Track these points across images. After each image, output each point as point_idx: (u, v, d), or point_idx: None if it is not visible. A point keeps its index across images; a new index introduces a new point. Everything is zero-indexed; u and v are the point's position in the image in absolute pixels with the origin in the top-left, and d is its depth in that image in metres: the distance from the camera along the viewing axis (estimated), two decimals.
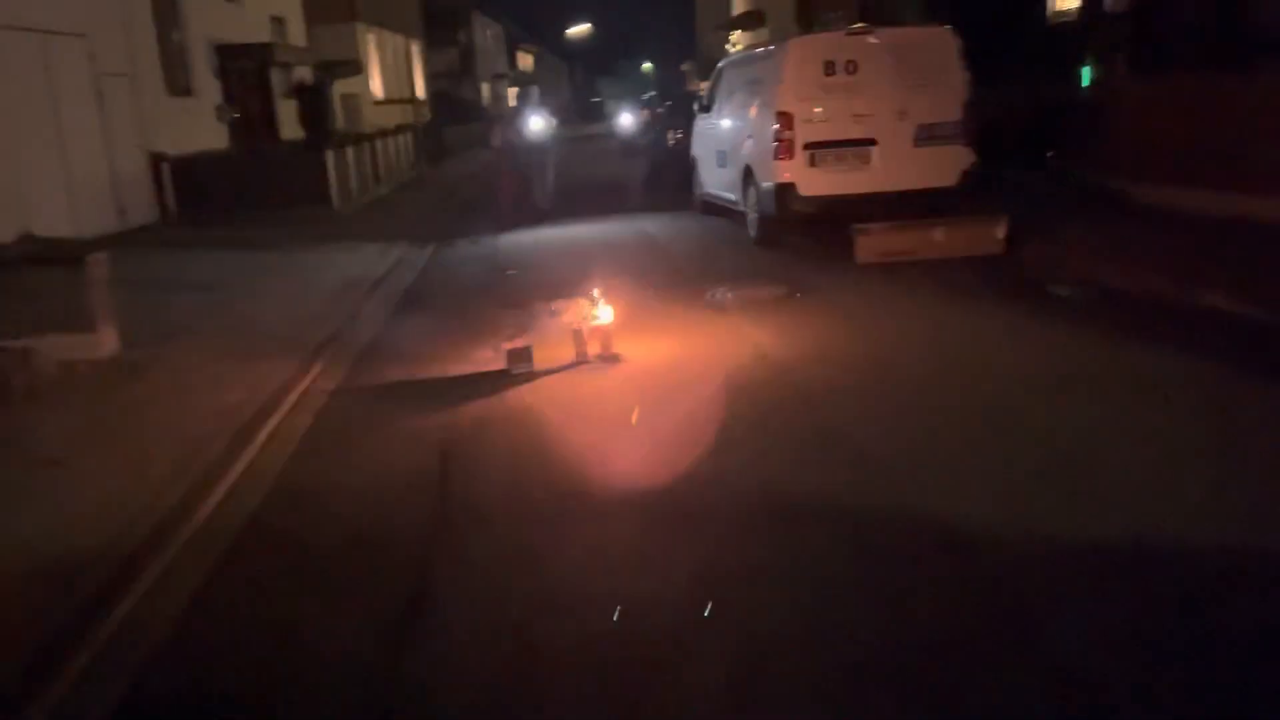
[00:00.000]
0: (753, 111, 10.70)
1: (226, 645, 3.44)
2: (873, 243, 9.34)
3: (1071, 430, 4.81)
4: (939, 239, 9.31)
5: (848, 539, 3.79)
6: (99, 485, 4.77)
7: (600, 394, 5.97)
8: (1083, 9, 16.54)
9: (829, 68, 9.76)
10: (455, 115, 38.43)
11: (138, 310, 7.84)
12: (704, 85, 16.64)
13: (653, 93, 34.73)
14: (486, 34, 53.16)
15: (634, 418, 5.46)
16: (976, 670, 2.90)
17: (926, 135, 9.79)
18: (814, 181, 9.81)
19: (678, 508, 4.18)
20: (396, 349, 7.45)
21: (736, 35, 37.34)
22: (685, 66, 54.52)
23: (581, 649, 3.14)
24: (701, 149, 13.16)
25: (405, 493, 4.61)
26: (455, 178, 24.50)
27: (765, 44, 12.08)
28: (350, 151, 18.06)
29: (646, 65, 78.98)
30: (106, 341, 7.10)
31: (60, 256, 7.48)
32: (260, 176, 16.46)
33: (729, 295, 8.17)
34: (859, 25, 10.28)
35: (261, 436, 5.51)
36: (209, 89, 19.14)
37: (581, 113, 58.78)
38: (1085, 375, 5.67)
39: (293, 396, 6.23)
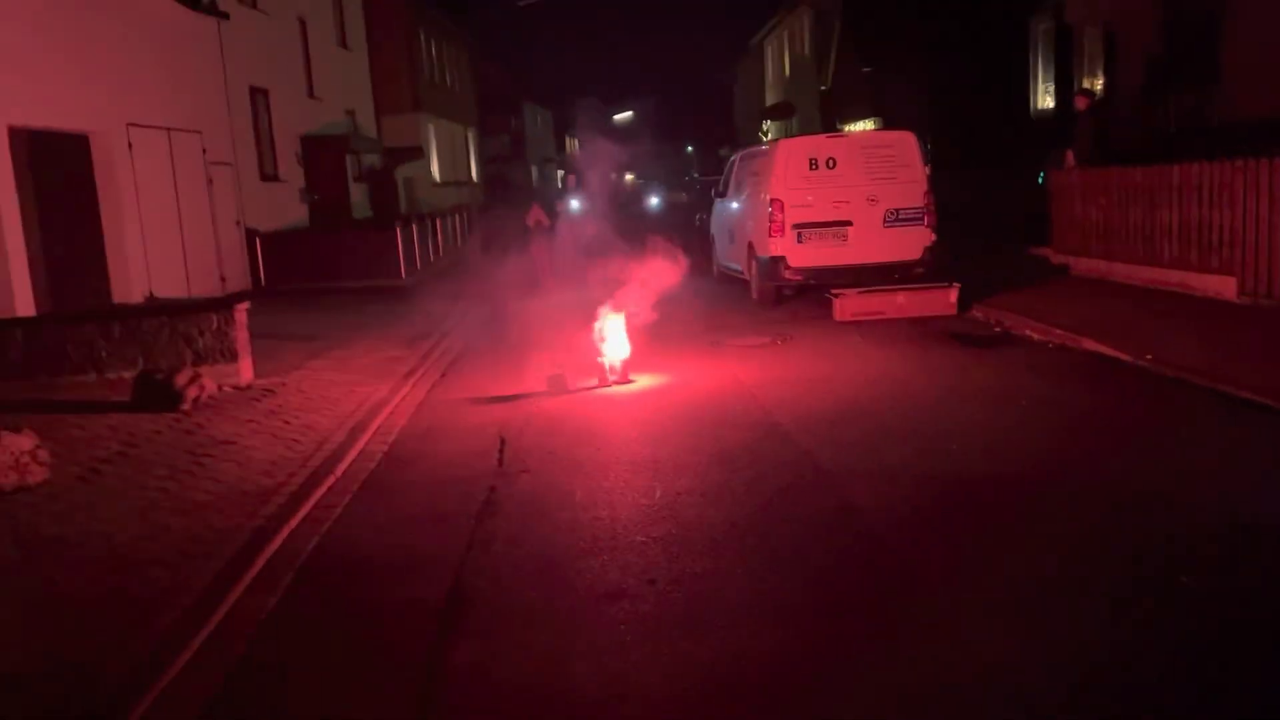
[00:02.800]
0: (753, 197, 12.95)
1: (370, 529, 5.55)
2: (848, 304, 11.46)
3: (956, 423, 6.82)
4: (902, 302, 11.42)
5: (769, 475, 5.84)
6: (264, 453, 6.97)
7: (614, 404, 8.12)
8: (1057, 107, 18.81)
9: (813, 163, 12.00)
10: (507, 196, 41.37)
11: (258, 353, 10.09)
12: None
13: (695, 174, 37.33)
14: (537, 120, 56.64)
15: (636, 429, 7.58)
16: (828, 537, 4.93)
17: (894, 218, 11.95)
18: (801, 255, 11.98)
19: (653, 463, 6.28)
20: (463, 376, 9.67)
21: (768, 124, 40.08)
22: (723, 152, 57.46)
23: (586, 525, 5.22)
24: (717, 227, 15.44)
25: (475, 458, 6.75)
26: (503, 254, 26.99)
27: (766, 144, 14.37)
28: (415, 229, 20.60)
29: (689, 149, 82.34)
30: (245, 371, 9.41)
31: (210, 303, 9.84)
32: (338, 250, 19.02)
33: (726, 341, 10.31)
34: (837, 130, 12.53)
35: (372, 428, 7.69)
36: (293, 174, 21.90)
37: (620, 197, 61.68)
38: (981, 393, 7.69)
39: (390, 406, 8.43)
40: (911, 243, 11.98)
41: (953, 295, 11.41)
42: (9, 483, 6.07)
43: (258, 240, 18.66)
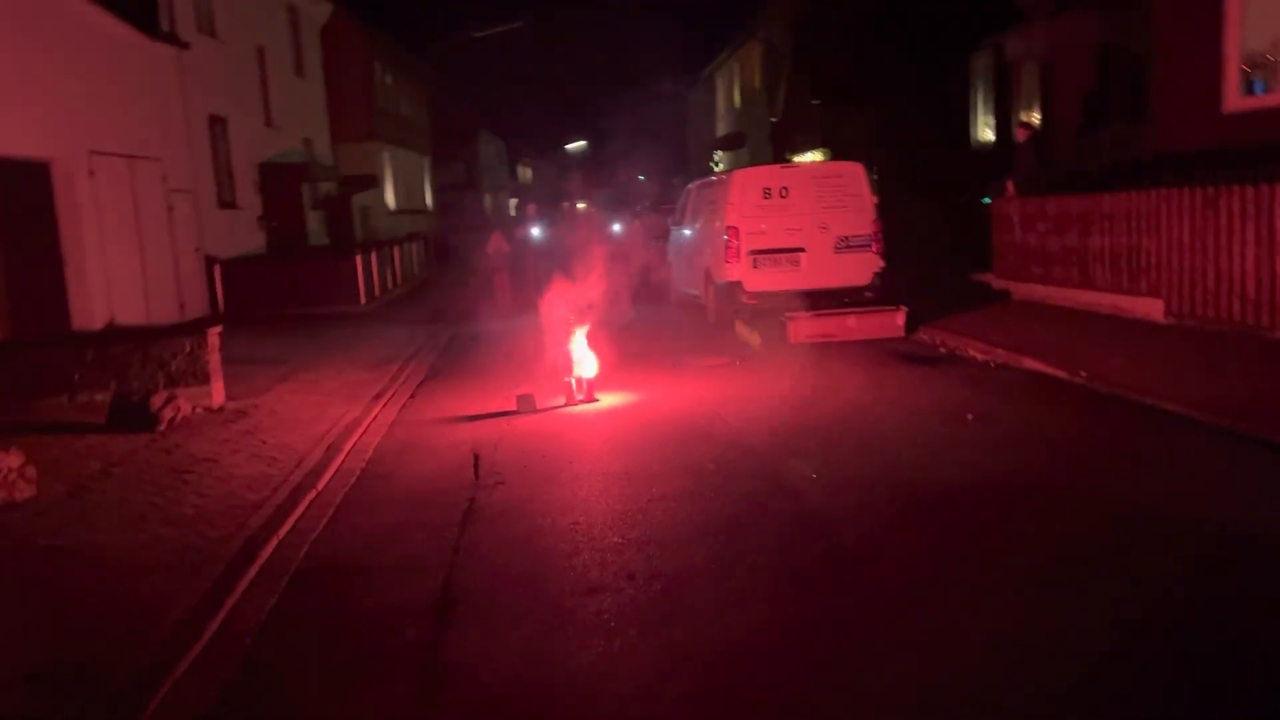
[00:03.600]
0: (710, 225, 13.43)
1: (357, 538, 5.82)
2: (801, 327, 11.93)
3: (906, 434, 7.26)
4: (853, 324, 11.93)
5: (734, 483, 6.22)
6: (245, 470, 7.20)
7: (582, 422, 8.47)
8: (996, 140, 19.65)
9: (767, 192, 12.52)
10: (460, 225, 41.60)
11: (227, 377, 10.23)
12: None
13: (646, 203, 37.89)
14: (490, 149, 56.98)
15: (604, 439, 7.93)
16: (790, 537, 5.31)
17: (844, 245, 12.49)
18: (756, 280, 12.46)
19: (624, 473, 6.63)
20: (433, 398, 9.95)
21: (719, 155, 40.86)
22: (675, 181, 58.20)
23: (565, 530, 5.55)
24: (674, 254, 15.90)
25: (451, 473, 7.04)
26: (459, 280, 27.27)
27: (722, 174, 14.90)
28: (374, 256, 20.81)
29: (640, 177, 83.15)
30: (217, 394, 9.60)
31: (182, 327, 10.02)
32: (297, 277, 19.17)
33: (686, 361, 10.71)
34: (787, 161, 13.08)
35: (347, 448, 7.94)
36: (251, 201, 22.00)
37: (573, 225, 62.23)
38: (928, 408, 8.15)
39: (363, 426, 8.69)
40: (861, 268, 12.52)
41: (900, 318, 11.94)
42: None
43: (216, 267, 18.74)
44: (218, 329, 9.72)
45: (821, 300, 12.30)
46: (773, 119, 31.24)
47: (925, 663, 3.80)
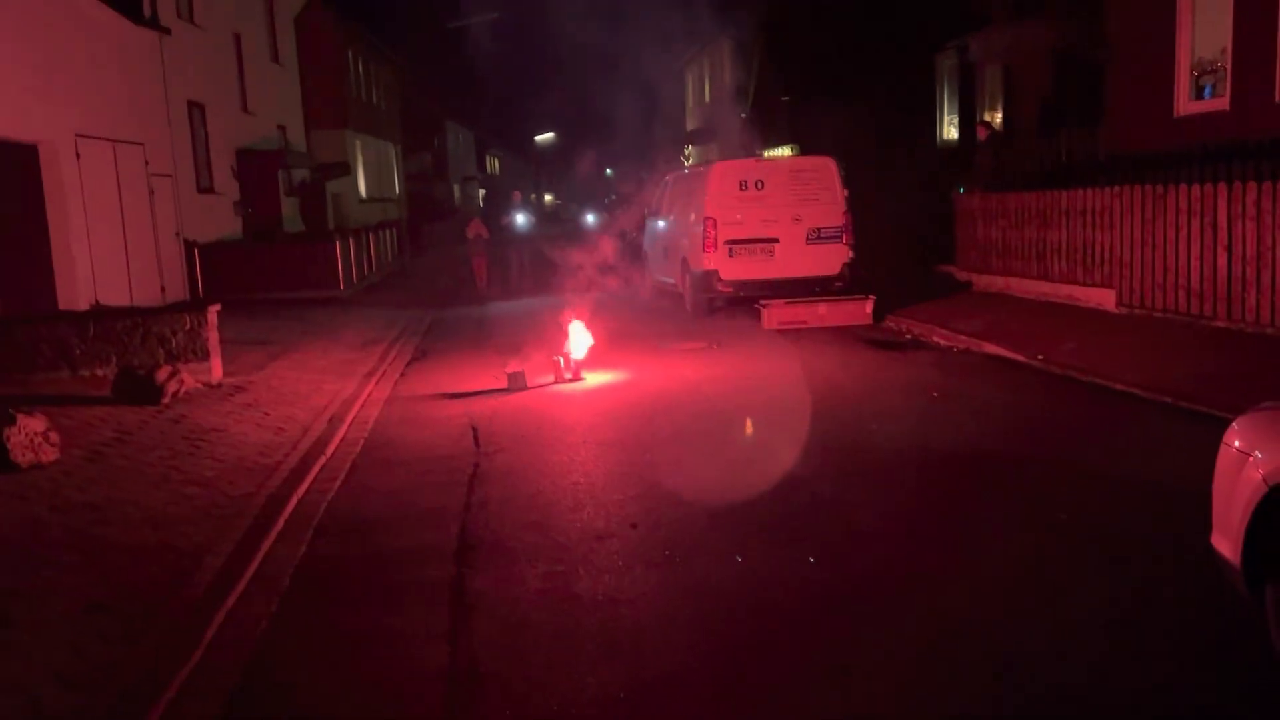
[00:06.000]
0: (688, 216, 13.92)
1: (372, 495, 6.25)
2: (774, 314, 12.48)
3: (875, 408, 7.80)
4: (823, 312, 12.49)
5: (720, 448, 6.73)
6: (254, 439, 7.60)
7: (572, 398, 8.94)
8: (960, 138, 20.32)
9: (743, 184, 13.03)
10: (429, 214, 41.76)
11: (221, 355, 10.59)
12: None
13: (614, 196, 38.29)
14: (459, 139, 57.09)
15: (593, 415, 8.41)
16: (775, 491, 5.83)
17: (816, 236, 13.04)
18: (732, 269, 12.98)
19: (618, 441, 7.12)
20: (423, 376, 10.37)
21: (690, 149, 41.36)
22: (644, 175, 58.66)
23: (567, 488, 6.02)
24: (650, 244, 16.37)
25: (452, 441, 7.48)
26: (433, 267, 27.60)
27: (699, 165, 15.41)
28: (351, 242, 21.08)
29: (609, 170, 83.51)
30: (216, 369, 9.95)
31: (182, 306, 10.35)
32: (276, 262, 19.40)
33: (666, 345, 11.22)
34: (757, 156, 13.62)
35: (348, 419, 8.35)
36: (229, 187, 22.16)
37: (543, 215, 62.56)
38: (895, 386, 8.72)
39: (360, 401, 9.09)
40: (832, 259, 13.08)
41: (869, 306, 12.53)
42: (26, 460, 6.59)
43: (196, 251, 18.93)
44: (217, 307, 10.07)
45: (794, 289, 12.84)
46: (743, 114, 31.81)
47: (904, 591, 4.32)
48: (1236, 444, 3.48)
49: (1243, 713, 3.31)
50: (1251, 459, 3.33)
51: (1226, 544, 3.47)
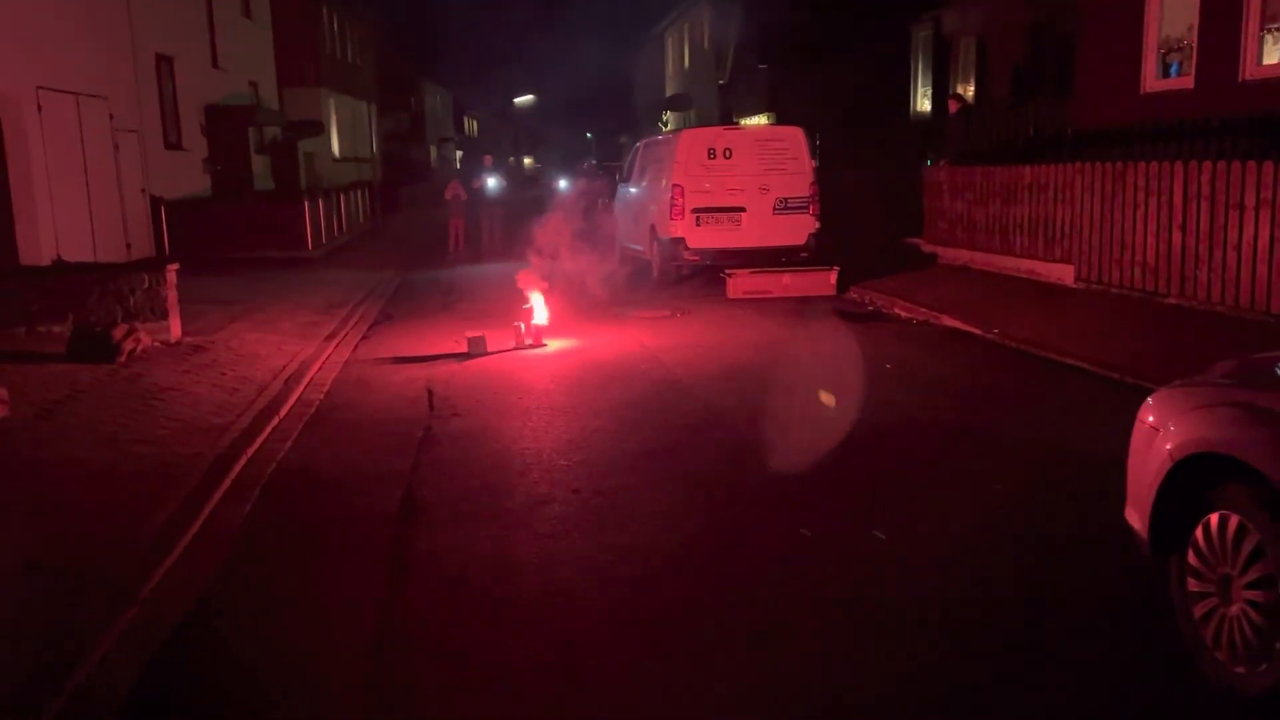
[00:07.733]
0: (656, 183, 13.91)
1: (321, 456, 6.29)
2: (739, 283, 12.53)
3: (831, 378, 7.88)
4: (788, 282, 12.56)
5: (671, 417, 6.80)
6: (209, 398, 7.60)
7: (531, 363, 8.98)
8: (933, 111, 20.35)
9: (711, 152, 13.03)
10: (405, 175, 41.42)
11: (180, 314, 10.53)
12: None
13: (592, 160, 38.13)
14: (436, 99, 56.48)
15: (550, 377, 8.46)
16: (722, 461, 5.90)
17: (782, 206, 13.08)
18: (699, 237, 13.01)
19: (570, 408, 7.18)
20: (385, 339, 10.37)
21: (668, 115, 41.16)
22: (623, 140, 58.38)
23: (516, 453, 6.08)
24: (620, 210, 16.35)
25: (407, 404, 7.52)
26: (406, 229, 27.43)
27: (670, 133, 15.37)
28: (321, 202, 20.91)
29: (588, 135, 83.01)
30: (174, 328, 9.90)
31: (140, 264, 10.26)
32: (245, 221, 19.23)
33: (629, 313, 11.25)
34: (732, 124, 13.60)
35: (305, 380, 8.36)
36: (197, 143, 21.89)
37: (520, 179, 62.23)
38: (853, 356, 8.80)
39: (319, 363, 9.09)
40: (798, 229, 13.13)
41: (833, 277, 12.60)
42: None
43: (162, 208, 18.72)
44: (175, 266, 9.99)
45: (759, 258, 12.89)
46: (720, 81, 31.66)
47: (822, 555, 4.42)
48: (1150, 419, 3.58)
49: (1137, 677, 3.42)
50: (1161, 434, 3.43)
51: (1137, 516, 3.58)
